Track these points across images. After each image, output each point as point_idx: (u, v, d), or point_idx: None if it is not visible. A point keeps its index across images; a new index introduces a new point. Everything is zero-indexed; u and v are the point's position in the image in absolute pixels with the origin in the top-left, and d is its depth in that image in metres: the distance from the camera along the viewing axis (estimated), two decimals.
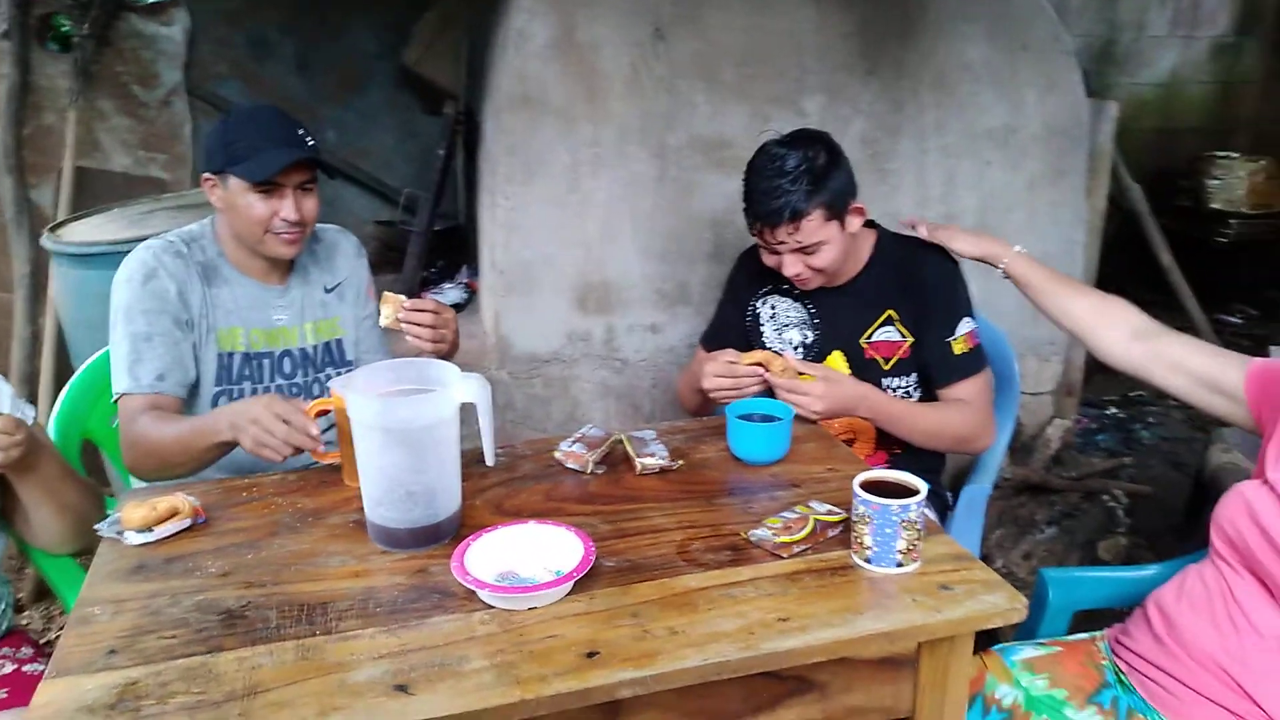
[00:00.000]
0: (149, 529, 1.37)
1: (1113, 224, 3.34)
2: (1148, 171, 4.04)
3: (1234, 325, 5.08)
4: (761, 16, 2.63)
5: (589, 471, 1.58)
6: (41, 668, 1.53)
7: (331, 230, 1.97)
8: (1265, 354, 2.82)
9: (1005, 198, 2.92)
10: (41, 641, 1.88)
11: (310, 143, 1.71)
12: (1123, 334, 1.64)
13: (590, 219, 2.58)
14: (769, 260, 1.90)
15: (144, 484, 1.72)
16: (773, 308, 2.05)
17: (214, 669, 1.10)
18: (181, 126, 3.51)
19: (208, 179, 1.73)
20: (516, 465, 1.62)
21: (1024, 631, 1.68)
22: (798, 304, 2.01)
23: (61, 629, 2.54)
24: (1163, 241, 3.73)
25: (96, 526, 1.41)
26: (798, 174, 1.76)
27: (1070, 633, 1.65)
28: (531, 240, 2.55)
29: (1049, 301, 1.77)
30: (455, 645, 1.13)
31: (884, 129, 2.75)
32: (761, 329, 2.06)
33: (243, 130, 1.68)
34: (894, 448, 1.97)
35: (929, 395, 1.97)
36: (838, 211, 1.82)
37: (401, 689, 1.06)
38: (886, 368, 1.94)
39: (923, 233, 1.93)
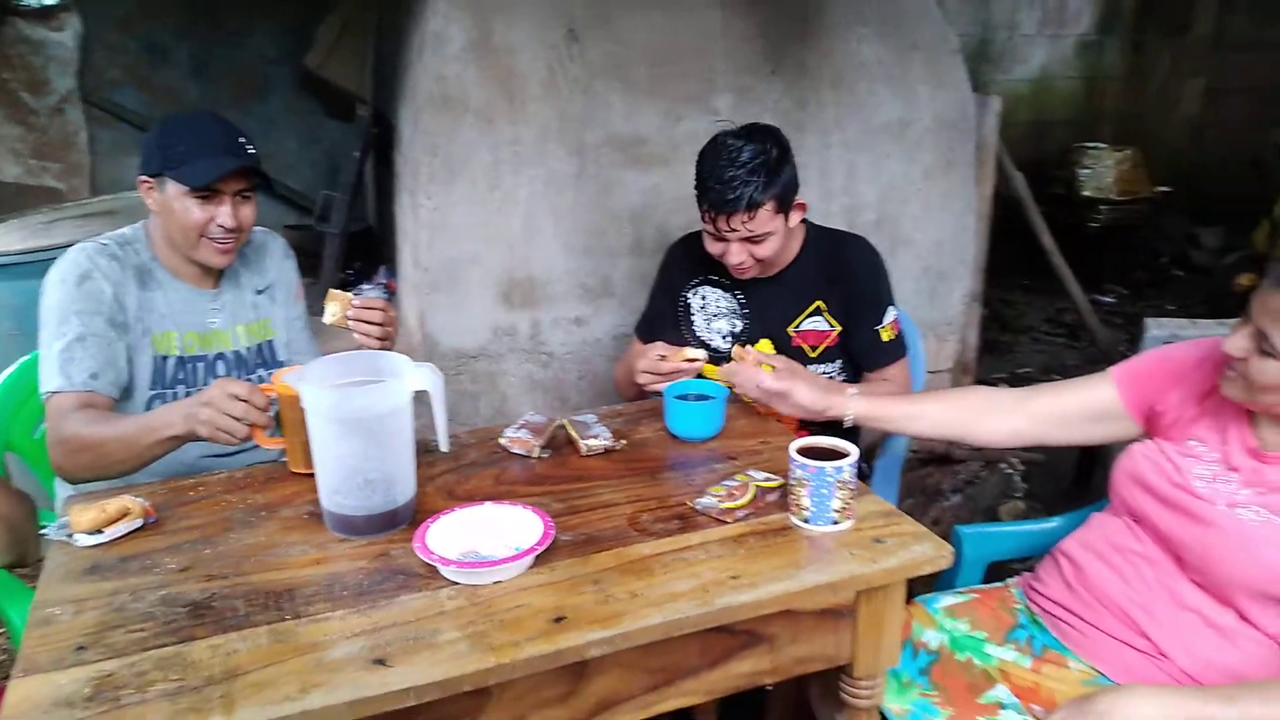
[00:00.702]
0: (99, 531, 1.37)
1: (996, 211, 3.55)
2: (1023, 162, 4.30)
3: (1107, 304, 5.44)
4: (669, 19, 2.72)
5: (535, 455, 1.63)
6: None
7: (259, 232, 1.97)
8: (1140, 329, 3.06)
9: (902, 188, 3.09)
10: None
11: (250, 150, 1.72)
12: (994, 418, 1.67)
13: (513, 216, 2.62)
14: (713, 248, 1.96)
15: (71, 490, 1.69)
16: (703, 298, 2.12)
17: (189, 657, 1.11)
18: (76, 134, 3.41)
19: (144, 181, 1.72)
20: (463, 453, 1.66)
21: (943, 584, 1.80)
22: (727, 294, 2.09)
23: None
24: (1044, 227, 3.97)
25: (44, 530, 1.40)
26: (754, 166, 1.83)
27: (984, 583, 1.79)
28: (455, 238, 2.58)
29: (907, 425, 1.72)
30: (426, 620, 1.17)
31: (789, 125, 2.86)
32: (692, 319, 2.13)
33: (183, 135, 1.68)
34: (813, 425, 2.08)
35: (852, 377, 2.09)
36: (786, 205, 1.90)
37: (380, 662, 1.09)
38: (813, 355, 2.04)
39: (765, 383, 1.71)
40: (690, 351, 1.84)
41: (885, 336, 2.01)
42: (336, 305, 1.73)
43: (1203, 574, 1.42)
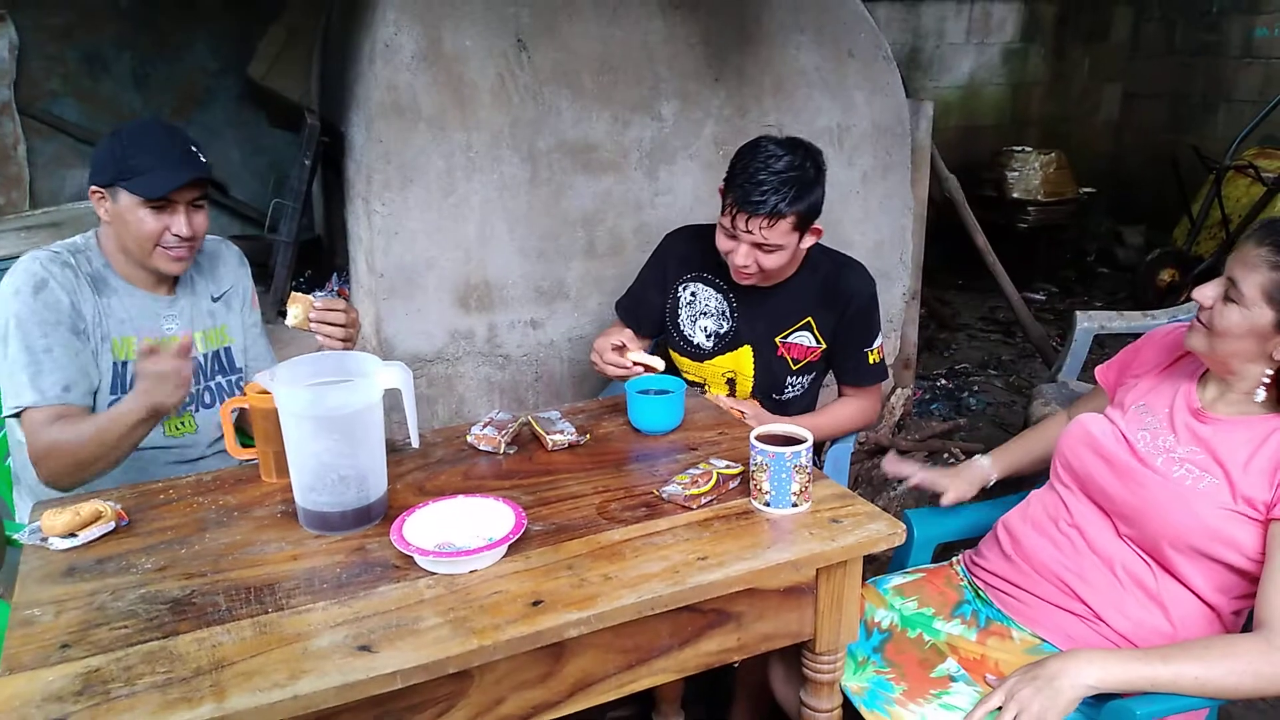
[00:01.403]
0: (73, 534, 1.38)
1: (930, 213, 3.68)
2: (954, 165, 4.44)
3: (1038, 302, 5.64)
4: (614, 27, 2.78)
5: (502, 452, 1.67)
6: None
7: (214, 240, 1.99)
8: (1069, 324, 3.21)
9: (842, 191, 3.19)
10: None
11: (203, 160, 1.74)
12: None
13: (468, 221, 2.66)
14: (723, 244, 1.97)
15: (34, 498, 1.69)
16: (693, 294, 2.14)
17: (175, 650, 1.13)
18: (14, 146, 3.35)
19: (95, 192, 1.72)
20: (430, 451, 1.70)
21: (895, 567, 1.89)
22: (719, 294, 2.11)
23: None
24: (978, 227, 4.11)
25: (16, 536, 1.41)
26: (789, 177, 1.85)
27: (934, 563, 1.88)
28: (410, 244, 2.61)
29: (1019, 465, 1.90)
30: (407, 608, 1.21)
31: (733, 131, 2.96)
32: (679, 313, 2.16)
33: (136, 146, 1.69)
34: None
35: (816, 387, 2.19)
36: (805, 225, 1.93)
37: (365, 649, 1.13)
38: (794, 368, 2.11)
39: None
40: (639, 356, 1.85)
41: (872, 359, 2.11)
42: (299, 308, 1.74)
43: (1137, 529, 1.52)
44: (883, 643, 1.64)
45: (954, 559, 1.83)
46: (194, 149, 1.75)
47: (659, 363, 1.86)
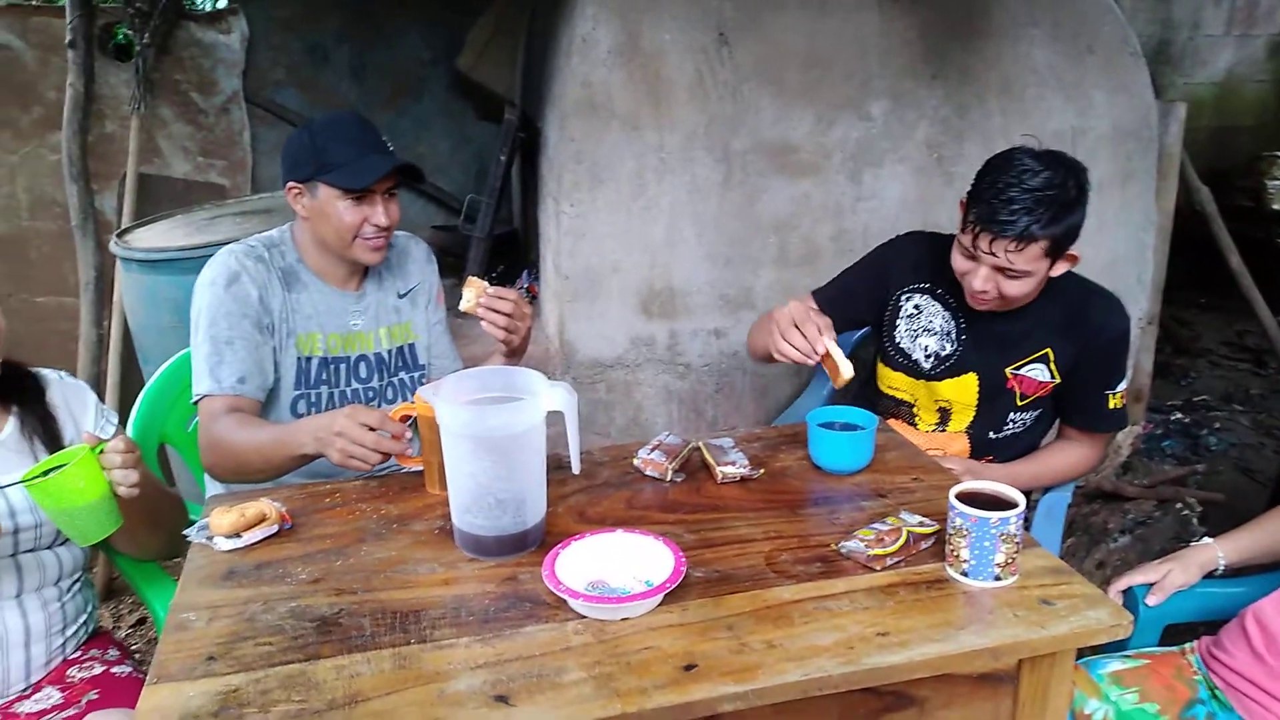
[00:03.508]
0: (237, 535, 1.39)
1: (1175, 225, 3.28)
2: (1203, 171, 3.98)
3: None
4: (823, 20, 2.61)
5: (669, 479, 1.57)
6: (129, 669, 1.55)
7: (402, 236, 1.99)
8: None
9: None
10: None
11: (391, 149, 1.73)
12: None
13: (655, 225, 2.57)
14: (959, 264, 1.77)
15: (221, 487, 1.74)
16: (917, 307, 1.94)
17: (313, 677, 1.10)
18: (240, 133, 3.56)
19: (293, 188, 1.74)
20: (595, 473, 1.61)
21: (1111, 644, 1.64)
22: (948, 313, 1.91)
23: (130, 628, 2.59)
24: (1232, 246, 3.65)
25: (185, 532, 1.43)
26: (1044, 197, 1.63)
27: (1159, 646, 1.61)
28: (597, 246, 2.55)
29: (1260, 553, 1.62)
30: (551, 656, 1.13)
31: (950, 133, 2.72)
32: (896, 323, 1.97)
33: (330, 139, 1.70)
34: (985, 454, 1.94)
35: (1041, 425, 1.97)
36: (1057, 251, 1.70)
37: (502, 700, 1.05)
38: (1020, 403, 1.89)
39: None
40: (835, 349, 1.60)
41: (1112, 404, 1.86)
42: (472, 291, 1.73)
43: None
44: None
45: (1187, 646, 1.56)
46: (384, 138, 1.76)
47: (848, 368, 1.60)
